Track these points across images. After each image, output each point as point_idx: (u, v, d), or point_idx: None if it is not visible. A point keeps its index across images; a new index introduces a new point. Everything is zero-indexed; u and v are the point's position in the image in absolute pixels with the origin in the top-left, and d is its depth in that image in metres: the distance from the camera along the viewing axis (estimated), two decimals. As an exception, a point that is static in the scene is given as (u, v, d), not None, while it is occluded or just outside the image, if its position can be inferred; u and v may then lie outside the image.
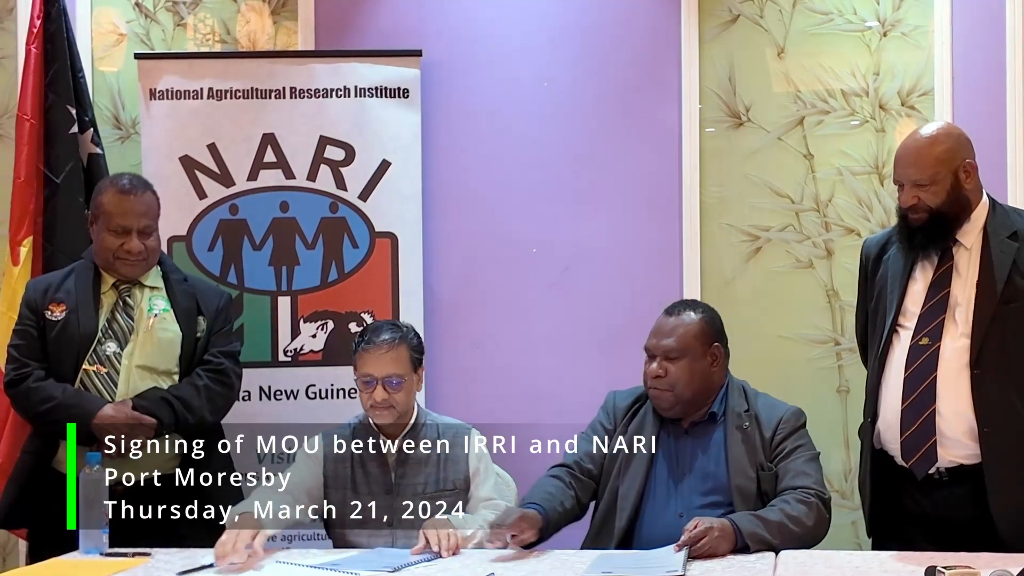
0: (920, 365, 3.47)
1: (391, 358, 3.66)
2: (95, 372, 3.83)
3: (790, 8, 4.66)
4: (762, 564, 3.17)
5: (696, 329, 3.67)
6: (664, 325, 3.69)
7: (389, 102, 4.66)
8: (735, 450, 3.58)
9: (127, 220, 3.88)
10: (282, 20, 4.93)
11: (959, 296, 3.48)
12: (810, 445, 3.63)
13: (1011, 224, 3.51)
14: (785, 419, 3.63)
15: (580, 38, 4.77)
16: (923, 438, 3.45)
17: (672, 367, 3.61)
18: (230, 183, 4.64)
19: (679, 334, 3.65)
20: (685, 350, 3.63)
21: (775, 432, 3.61)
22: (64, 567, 3.26)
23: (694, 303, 3.81)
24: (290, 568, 3.22)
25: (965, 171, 3.49)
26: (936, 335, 3.47)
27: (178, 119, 4.64)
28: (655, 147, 4.73)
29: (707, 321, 3.71)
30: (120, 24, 4.96)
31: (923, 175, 3.48)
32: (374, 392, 3.63)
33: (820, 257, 4.63)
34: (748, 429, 3.61)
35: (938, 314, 3.49)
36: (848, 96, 4.63)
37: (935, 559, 2.94)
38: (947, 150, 3.50)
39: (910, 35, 4.58)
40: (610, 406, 3.78)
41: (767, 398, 3.73)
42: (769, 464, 3.57)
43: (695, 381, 3.63)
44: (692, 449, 3.64)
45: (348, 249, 4.65)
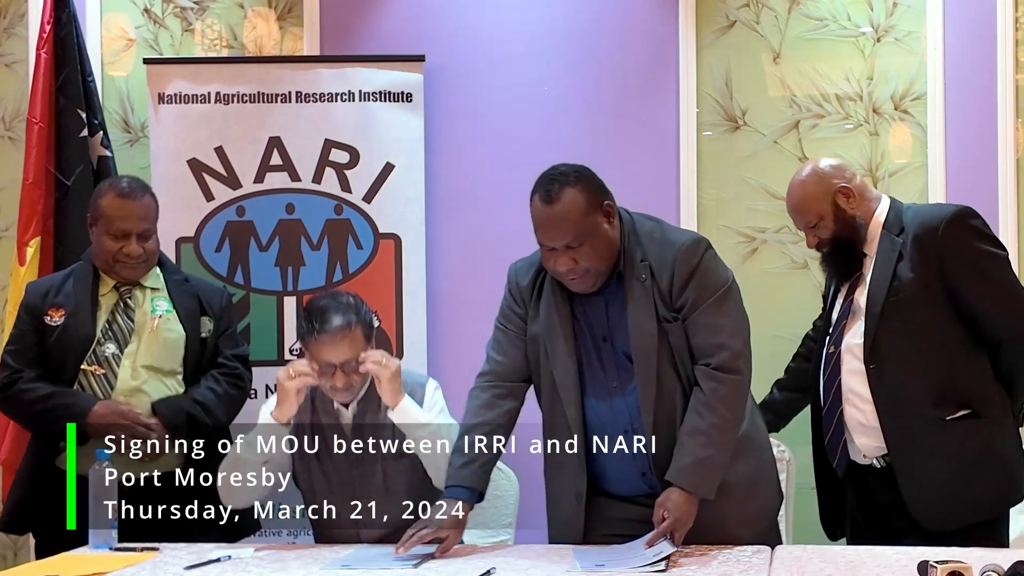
0: (831, 371, 3.64)
1: (347, 344, 3.47)
2: (92, 372, 3.82)
3: (785, 14, 4.70)
4: (757, 559, 3.16)
5: (582, 204, 3.23)
6: (550, 216, 3.23)
7: (393, 106, 4.69)
8: (633, 307, 3.28)
9: (126, 224, 3.85)
10: (288, 26, 4.96)
11: (860, 300, 3.60)
12: (714, 282, 3.30)
13: (900, 222, 3.60)
14: (679, 261, 3.28)
15: (580, 44, 4.80)
16: (837, 439, 3.64)
17: (578, 254, 3.23)
18: (237, 185, 4.68)
19: (571, 220, 3.21)
20: (583, 233, 3.22)
21: (671, 279, 3.28)
22: (74, 561, 3.25)
23: (560, 174, 3.27)
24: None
25: (843, 195, 3.62)
26: (839, 341, 3.63)
27: (186, 123, 4.68)
28: (653, 150, 4.75)
29: (585, 187, 3.26)
30: (129, 29, 4.98)
31: (809, 217, 3.66)
32: (333, 378, 3.48)
33: (814, 258, 4.51)
34: (645, 281, 3.29)
35: (842, 320, 3.65)
36: (842, 100, 4.66)
37: (927, 554, 2.92)
38: (816, 187, 3.64)
39: (903, 40, 4.62)
40: (514, 286, 3.47)
41: (664, 233, 3.37)
42: (674, 314, 3.28)
43: (605, 251, 3.27)
44: (605, 311, 3.34)
45: (352, 250, 4.67)
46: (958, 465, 3.48)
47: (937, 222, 3.53)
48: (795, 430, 4.59)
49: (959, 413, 3.50)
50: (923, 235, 3.53)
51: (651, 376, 3.28)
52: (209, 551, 3.32)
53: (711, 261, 3.32)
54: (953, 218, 3.53)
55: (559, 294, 3.38)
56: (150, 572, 3.12)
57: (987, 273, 3.53)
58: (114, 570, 3.11)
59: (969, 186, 4.49)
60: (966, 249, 3.52)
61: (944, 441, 3.48)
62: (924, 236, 3.52)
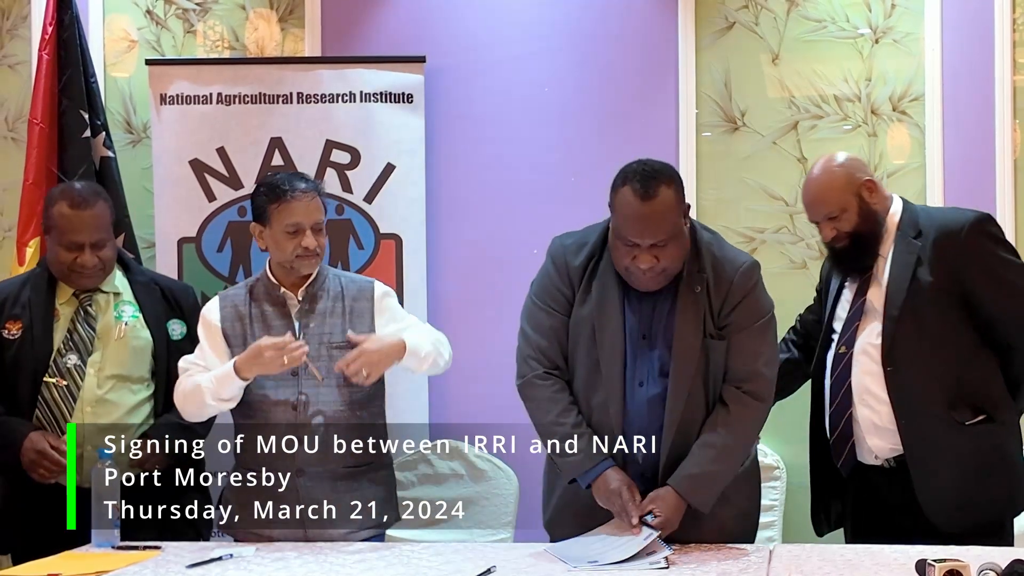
0: (840, 371, 3.62)
1: (316, 205, 3.55)
2: (55, 385, 3.75)
3: (784, 16, 4.71)
4: (756, 557, 3.18)
5: (675, 203, 3.23)
6: (649, 214, 3.19)
7: (394, 107, 4.71)
8: (683, 315, 3.29)
9: (79, 236, 3.77)
10: (289, 27, 4.97)
11: (875, 301, 3.58)
12: (762, 308, 3.33)
13: (917, 224, 3.58)
14: (737, 283, 3.29)
15: (580, 45, 4.82)
16: (844, 440, 3.62)
17: (662, 252, 3.22)
18: (239, 186, 4.70)
19: (669, 220, 3.21)
20: (673, 234, 3.22)
21: (725, 298, 3.29)
22: (78, 559, 3.25)
23: (656, 172, 3.26)
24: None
25: (868, 189, 3.59)
26: (851, 342, 3.60)
27: (188, 123, 4.70)
28: (653, 151, 4.57)
29: (678, 188, 3.26)
30: (131, 31, 5.00)
31: (831, 209, 3.59)
32: (304, 239, 3.50)
33: (813, 258, 4.65)
34: (699, 292, 3.29)
35: (855, 321, 3.62)
36: (841, 101, 4.68)
37: (924, 552, 2.94)
38: (843, 177, 3.60)
39: (901, 42, 4.63)
40: (562, 265, 3.40)
41: (721, 249, 3.36)
42: (719, 332, 3.30)
43: (682, 254, 3.28)
44: (652, 310, 3.33)
45: (354, 250, 4.69)
46: (971, 468, 3.49)
47: (958, 227, 3.52)
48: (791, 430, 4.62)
49: (977, 419, 3.50)
50: (943, 240, 3.52)
51: (684, 387, 3.29)
52: (211, 549, 3.33)
53: (761, 287, 3.37)
54: (974, 224, 3.53)
55: (616, 283, 3.34)
56: (152, 570, 3.12)
57: (1006, 280, 3.54)
58: (117, 568, 3.12)
59: (967, 187, 4.51)
60: (987, 256, 3.53)
61: (959, 444, 3.49)
62: (944, 241, 3.52)
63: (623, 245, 3.25)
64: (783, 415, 4.65)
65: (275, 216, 3.52)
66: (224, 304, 3.60)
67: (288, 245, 3.52)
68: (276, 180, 3.59)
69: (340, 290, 3.62)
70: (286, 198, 3.51)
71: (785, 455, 4.61)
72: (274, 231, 3.53)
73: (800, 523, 4.59)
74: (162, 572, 3.12)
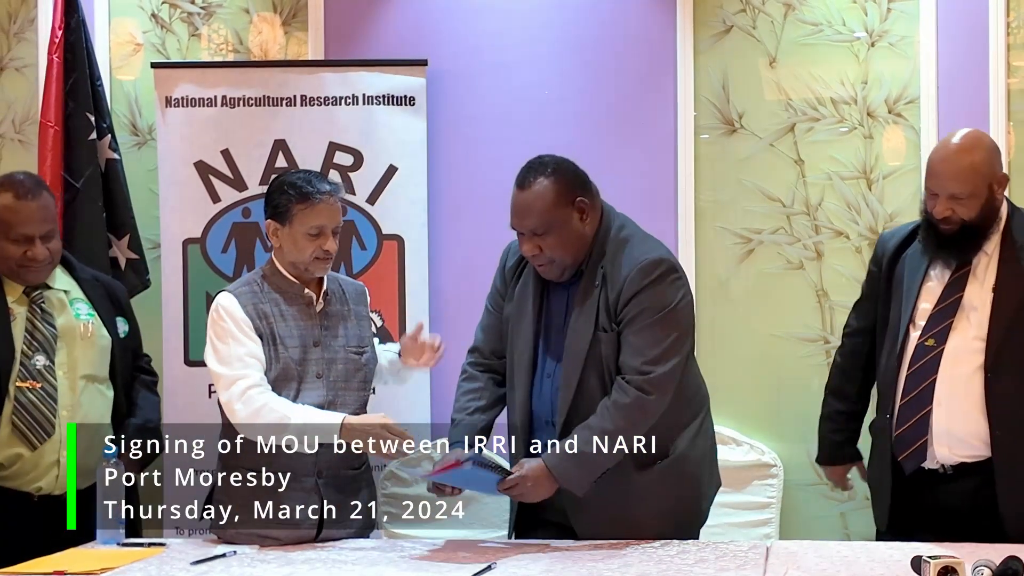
0: (923, 365, 3.46)
1: (338, 208, 3.49)
2: (28, 389, 3.61)
3: (781, 19, 4.71)
4: (754, 553, 3.19)
5: (551, 195, 3.32)
6: (520, 202, 3.35)
7: (396, 109, 4.73)
8: (577, 309, 3.37)
9: (28, 228, 3.61)
10: (293, 30, 4.98)
11: (974, 300, 3.45)
12: (657, 304, 3.32)
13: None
14: (631, 279, 3.32)
15: (580, 49, 4.83)
16: (915, 436, 3.46)
17: (543, 242, 3.32)
18: (243, 187, 4.72)
19: (537, 209, 3.31)
20: (550, 223, 3.31)
21: (620, 292, 3.33)
22: (83, 556, 3.25)
23: (540, 164, 3.39)
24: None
25: (999, 184, 3.46)
26: (942, 337, 3.45)
27: (193, 126, 4.72)
28: (652, 153, 4.78)
29: (560, 180, 3.35)
30: (137, 34, 5.01)
31: (962, 189, 3.41)
32: (326, 243, 3.46)
33: (810, 259, 4.69)
34: (597, 287, 3.35)
35: (948, 316, 3.46)
36: (837, 104, 4.68)
37: (920, 549, 2.96)
38: (985, 163, 3.43)
39: (897, 45, 4.64)
40: (500, 267, 3.58)
41: (632, 247, 3.39)
42: (613, 325, 3.34)
43: (572, 245, 3.35)
44: (559, 306, 3.45)
45: (356, 251, 4.71)
46: None
47: None
48: (789, 428, 4.68)
49: None
50: None
51: (573, 379, 3.37)
52: (214, 547, 3.35)
53: (664, 283, 3.34)
54: None
55: (535, 280, 3.47)
56: (157, 567, 3.14)
57: None
58: (121, 565, 3.13)
59: (962, 189, 4.53)
60: None
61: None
62: None
63: (516, 233, 3.41)
64: (781, 414, 4.73)
65: (298, 217, 3.44)
66: (243, 302, 3.48)
67: (308, 247, 3.46)
68: (302, 180, 3.48)
69: (342, 292, 3.62)
70: (313, 200, 3.44)
71: (782, 453, 4.64)
72: (294, 231, 3.46)
73: (797, 521, 4.65)
74: (166, 569, 3.13)
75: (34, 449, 3.62)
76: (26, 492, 3.62)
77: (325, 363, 3.51)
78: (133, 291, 4.74)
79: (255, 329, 3.46)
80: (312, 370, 3.49)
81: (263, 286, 3.53)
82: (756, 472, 4.62)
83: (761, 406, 4.74)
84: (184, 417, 4.57)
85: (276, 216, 3.51)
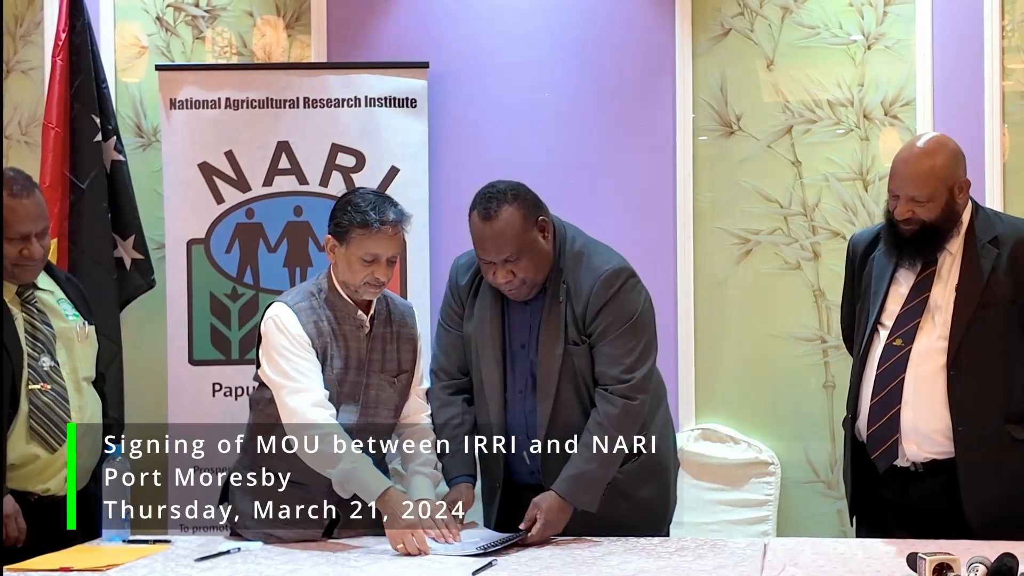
0: (891, 365, 3.50)
1: (398, 239, 3.49)
2: (40, 391, 3.55)
3: (779, 22, 4.73)
4: (751, 550, 3.21)
5: (519, 221, 3.37)
6: (490, 234, 3.38)
7: (397, 111, 4.74)
8: (545, 325, 3.44)
9: (25, 226, 3.52)
10: (296, 33, 5.00)
11: (939, 299, 3.49)
12: (624, 313, 3.41)
13: (992, 229, 3.50)
14: (596, 292, 3.40)
15: (580, 51, 4.85)
16: (886, 435, 3.50)
17: (516, 267, 3.37)
18: (246, 188, 4.74)
19: (509, 237, 3.36)
20: (521, 248, 3.37)
21: (586, 307, 3.41)
22: (89, 553, 3.27)
23: (499, 192, 3.43)
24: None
25: (960, 188, 3.49)
26: (909, 337, 3.49)
27: (197, 127, 4.73)
28: (651, 154, 4.80)
29: (522, 204, 3.40)
30: (142, 37, 5.02)
31: (921, 192, 3.45)
32: (378, 271, 3.45)
33: (807, 259, 4.72)
34: (562, 302, 3.43)
35: (915, 317, 3.51)
36: (834, 106, 4.70)
37: (916, 546, 2.96)
38: (945, 167, 3.47)
39: (893, 48, 4.66)
40: (453, 285, 3.61)
41: (590, 258, 3.46)
42: (583, 338, 3.42)
43: (542, 264, 3.43)
44: (522, 322, 3.51)
45: (359, 251, 4.78)
46: (1019, 481, 3.45)
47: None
48: (786, 427, 4.71)
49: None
50: (1020, 249, 3.47)
51: (550, 394, 3.45)
52: (219, 543, 3.37)
53: (627, 292, 3.44)
54: None
55: (493, 296, 3.53)
56: (162, 564, 3.16)
57: None
58: (127, 562, 3.15)
59: (957, 190, 4.55)
60: None
61: (1012, 458, 3.44)
62: (1020, 250, 3.47)
63: (482, 263, 3.45)
64: (778, 413, 4.76)
65: (355, 240, 3.43)
66: (303, 320, 3.47)
67: (361, 272, 3.45)
68: (368, 205, 3.46)
69: (388, 313, 3.61)
70: (372, 228, 3.42)
71: (779, 451, 4.67)
72: (350, 253, 3.46)
73: (794, 518, 4.68)
74: (172, 565, 3.15)
75: (53, 451, 3.58)
76: (25, 492, 3.58)
77: (363, 387, 3.53)
78: (138, 291, 4.79)
79: (312, 345, 3.47)
80: (348, 392, 3.51)
81: (320, 300, 3.53)
82: (753, 470, 4.65)
83: (758, 405, 4.76)
84: (187, 417, 4.59)
85: (336, 233, 3.51)
